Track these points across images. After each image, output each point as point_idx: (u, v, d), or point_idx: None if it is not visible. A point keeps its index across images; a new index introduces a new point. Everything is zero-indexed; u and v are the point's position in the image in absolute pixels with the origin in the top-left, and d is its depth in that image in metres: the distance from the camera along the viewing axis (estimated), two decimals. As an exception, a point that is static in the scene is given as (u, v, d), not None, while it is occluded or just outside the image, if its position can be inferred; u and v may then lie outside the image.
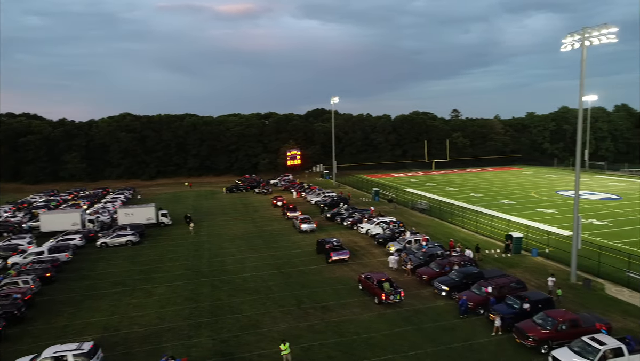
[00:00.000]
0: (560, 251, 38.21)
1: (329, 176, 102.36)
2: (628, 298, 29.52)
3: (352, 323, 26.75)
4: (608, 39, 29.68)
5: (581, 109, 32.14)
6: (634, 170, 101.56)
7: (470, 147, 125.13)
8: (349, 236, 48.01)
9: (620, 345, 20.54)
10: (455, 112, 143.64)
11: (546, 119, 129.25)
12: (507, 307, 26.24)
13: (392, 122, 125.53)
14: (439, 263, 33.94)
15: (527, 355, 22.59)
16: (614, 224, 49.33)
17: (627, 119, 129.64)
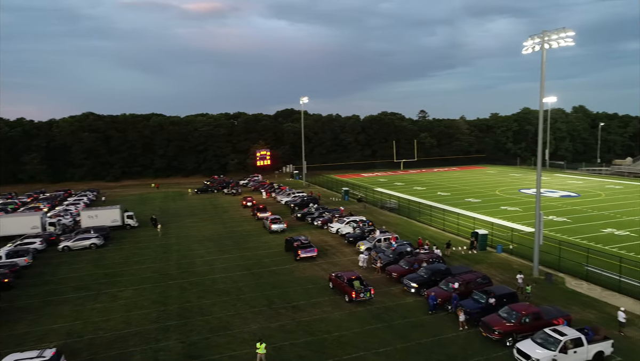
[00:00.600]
0: (524, 247, 39.53)
1: (299, 176, 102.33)
2: (586, 290, 30.83)
3: (323, 322, 26.82)
4: (566, 42, 30.95)
5: (541, 110, 33.35)
6: (591, 169, 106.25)
7: (437, 147, 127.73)
8: (319, 235, 48.12)
9: (579, 335, 21.43)
10: (422, 113, 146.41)
11: (509, 120, 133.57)
12: (473, 302, 26.94)
13: (361, 122, 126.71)
14: (408, 261, 34.48)
15: (493, 348, 23.25)
16: (573, 221, 51.42)
17: (584, 120, 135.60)
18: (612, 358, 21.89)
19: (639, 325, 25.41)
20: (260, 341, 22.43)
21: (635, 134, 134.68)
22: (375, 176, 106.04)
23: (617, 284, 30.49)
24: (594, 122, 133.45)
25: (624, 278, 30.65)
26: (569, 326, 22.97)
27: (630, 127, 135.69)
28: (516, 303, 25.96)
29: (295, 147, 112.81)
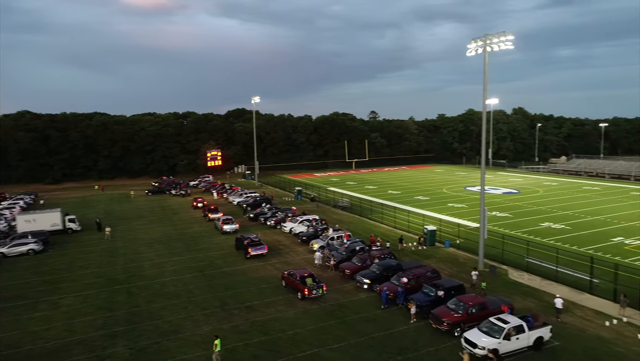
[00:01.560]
0: (470, 241, 41.22)
1: (251, 176, 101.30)
2: (527, 281, 32.59)
3: (278, 321, 26.70)
4: (506, 45, 32.60)
5: (484, 111, 34.93)
6: (530, 167, 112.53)
7: (387, 147, 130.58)
8: (272, 235, 47.86)
9: (521, 322, 22.63)
10: (373, 114, 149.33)
11: (455, 121, 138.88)
12: (423, 295, 27.77)
13: (313, 122, 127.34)
14: (361, 258, 35.02)
15: (442, 339, 24.07)
16: (515, 216, 54.22)
17: (523, 121, 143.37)
18: (550, 343, 23.27)
19: (574, 311, 27.18)
20: (217, 337, 22.36)
21: (569, 134, 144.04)
22: (327, 175, 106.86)
23: (555, 274, 32.44)
24: (532, 123, 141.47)
25: (560, 268, 32.64)
26: (511, 315, 24.17)
27: (565, 128, 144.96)
28: (463, 295, 27.01)
29: (247, 147, 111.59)
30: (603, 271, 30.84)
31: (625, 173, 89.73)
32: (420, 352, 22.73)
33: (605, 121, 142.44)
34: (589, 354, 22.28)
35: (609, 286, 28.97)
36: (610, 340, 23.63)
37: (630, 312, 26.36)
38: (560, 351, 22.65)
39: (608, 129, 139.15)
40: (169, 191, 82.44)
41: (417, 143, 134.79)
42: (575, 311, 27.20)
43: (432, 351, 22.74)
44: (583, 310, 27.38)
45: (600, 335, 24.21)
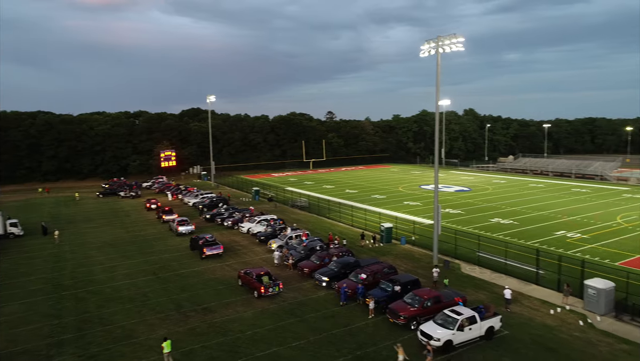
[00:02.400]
0: (425, 237, 42.35)
1: (207, 177, 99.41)
2: (479, 274, 33.88)
3: (236, 322, 26.33)
4: (457, 47, 33.75)
5: (437, 113, 35.97)
6: (480, 166, 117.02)
7: (344, 147, 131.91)
8: (230, 236, 47.16)
9: (474, 313, 23.49)
10: (330, 114, 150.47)
11: (409, 122, 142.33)
12: (381, 291, 28.26)
13: (271, 122, 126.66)
14: (319, 256, 35.16)
15: (400, 332, 24.58)
16: (466, 213, 56.23)
17: (474, 122, 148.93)
18: (500, 332, 24.29)
19: (522, 302, 28.51)
20: (165, 339, 21.83)
21: (516, 134, 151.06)
22: (285, 175, 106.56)
23: (504, 267, 33.91)
24: (482, 124, 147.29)
25: (509, 261, 34.14)
26: (464, 306, 25.03)
27: (511, 128, 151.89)
28: (419, 289, 27.69)
29: (203, 147, 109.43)
30: (548, 263, 32.53)
31: (566, 171, 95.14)
32: (379, 346, 23.11)
33: (548, 122, 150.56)
34: (536, 341, 23.43)
35: (554, 277, 30.62)
36: (555, 327, 24.96)
37: (572, 300, 27.95)
38: (510, 340, 23.70)
39: (551, 130, 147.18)
40: (118, 192, 79.27)
41: (374, 143, 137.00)
42: (523, 301, 28.54)
43: (390, 345, 23.12)
44: (530, 300, 28.77)
45: (546, 322, 25.53)
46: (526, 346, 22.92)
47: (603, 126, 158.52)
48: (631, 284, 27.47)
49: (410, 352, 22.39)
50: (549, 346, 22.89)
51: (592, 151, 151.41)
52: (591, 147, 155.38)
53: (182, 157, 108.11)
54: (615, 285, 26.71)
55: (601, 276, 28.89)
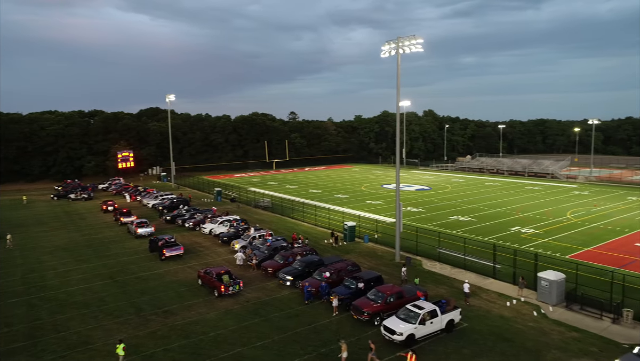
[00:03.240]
0: (387, 235, 43.04)
1: (167, 178, 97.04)
2: (439, 269, 34.77)
3: (199, 324, 25.84)
4: (416, 48, 34.52)
5: (398, 113, 36.66)
6: (440, 165, 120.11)
7: (307, 148, 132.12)
8: (191, 237, 46.25)
9: (435, 307, 24.08)
10: (292, 115, 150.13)
11: (371, 122, 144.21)
12: (344, 288, 28.50)
13: (232, 122, 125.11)
14: (283, 255, 35.06)
15: (363, 328, 24.87)
16: (427, 210, 57.57)
17: (433, 122, 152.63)
18: (460, 324, 25.04)
19: (480, 295, 29.49)
20: (121, 341, 21.34)
21: (473, 135, 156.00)
22: (248, 176, 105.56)
23: (463, 262, 34.95)
24: (441, 125, 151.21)
25: (468, 256, 35.23)
26: (426, 301, 25.63)
27: (469, 129, 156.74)
28: (382, 285, 28.11)
29: (162, 148, 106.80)
30: (504, 258, 33.80)
31: (520, 170, 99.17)
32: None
33: (503, 123, 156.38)
34: (493, 332, 24.30)
35: (509, 271, 31.85)
36: (511, 318, 25.97)
37: (527, 292, 29.18)
38: (469, 331, 24.46)
39: (506, 131, 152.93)
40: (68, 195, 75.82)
41: (336, 143, 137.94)
42: (481, 295, 29.53)
43: (354, 341, 23.39)
44: (488, 293, 29.81)
45: (503, 314, 26.53)
46: (484, 338, 23.72)
47: (553, 127, 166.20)
48: (580, 275, 28.97)
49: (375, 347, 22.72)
50: (505, 336, 23.78)
51: (543, 151, 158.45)
52: (542, 147, 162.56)
53: (140, 158, 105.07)
54: (566, 277, 28.09)
55: (553, 268, 30.31)
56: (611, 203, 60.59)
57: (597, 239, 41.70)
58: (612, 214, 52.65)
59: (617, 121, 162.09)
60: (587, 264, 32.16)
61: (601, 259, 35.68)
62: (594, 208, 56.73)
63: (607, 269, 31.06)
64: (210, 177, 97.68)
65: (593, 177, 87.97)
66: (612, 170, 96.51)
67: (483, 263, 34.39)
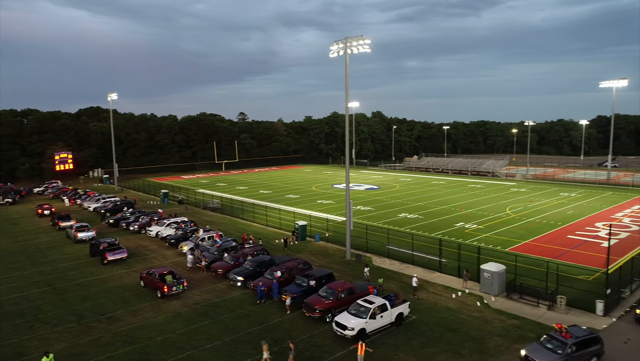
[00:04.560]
0: (338, 233, 43.47)
1: (110, 180, 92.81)
2: (388, 265, 35.54)
3: (145, 329, 24.88)
4: (364, 48, 35.15)
5: (347, 113, 37.14)
6: (388, 165, 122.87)
7: (257, 148, 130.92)
8: (137, 240, 44.49)
9: (385, 301, 24.60)
10: (242, 115, 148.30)
11: (321, 123, 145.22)
12: (296, 286, 28.48)
13: (179, 123, 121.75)
14: (233, 256, 34.52)
15: (315, 326, 24.96)
16: (376, 209, 58.72)
17: (381, 124, 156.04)
18: (409, 317, 25.73)
19: (427, 288, 30.44)
20: (46, 354, 20.27)
21: (419, 136, 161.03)
22: (196, 177, 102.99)
23: (411, 258, 35.94)
24: (389, 126, 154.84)
25: (415, 252, 36.24)
26: (377, 296, 26.10)
27: (415, 130, 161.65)
28: (333, 282, 28.34)
29: (105, 149, 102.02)
30: (449, 252, 35.09)
31: (464, 169, 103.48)
32: (295, 341, 23.20)
33: (447, 124, 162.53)
34: (440, 323, 25.16)
35: (454, 264, 33.11)
36: (456, 309, 27.01)
37: (471, 284, 30.47)
38: (417, 324, 25.18)
39: (450, 132, 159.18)
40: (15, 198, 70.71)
41: (287, 144, 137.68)
42: (429, 288, 30.50)
43: (306, 338, 23.44)
44: (435, 286, 30.83)
45: (449, 306, 27.54)
46: (432, 329, 24.51)
47: (493, 129, 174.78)
48: (519, 266, 30.66)
49: (325, 343, 22.91)
50: (451, 327, 24.68)
51: (484, 151, 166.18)
52: (484, 147, 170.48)
53: (80, 160, 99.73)
54: (506, 268, 29.60)
55: (494, 261, 31.82)
56: (546, 198, 64.54)
57: (534, 233, 44.26)
58: (546, 209, 56.08)
59: (550, 123, 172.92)
60: (525, 256, 34.07)
61: (537, 251, 37.90)
62: (531, 204, 60.19)
63: (543, 260, 33.03)
64: (156, 179, 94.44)
65: (529, 175, 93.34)
66: (546, 169, 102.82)
67: (430, 258, 35.53)
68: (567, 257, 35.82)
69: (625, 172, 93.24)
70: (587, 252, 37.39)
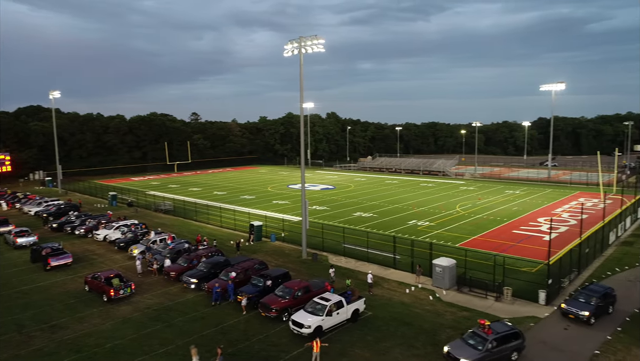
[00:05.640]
0: (294, 233, 43.45)
1: (53, 183, 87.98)
2: (344, 263, 35.90)
3: (92, 336, 23.78)
4: (318, 48, 35.35)
5: (302, 115, 37.24)
6: (343, 165, 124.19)
7: (211, 149, 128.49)
8: (83, 245, 42.47)
9: (341, 298, 24.82)
10: (195, 115, 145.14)
11: (276, 124, 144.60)
12: (252, 287, 28.19)
13: (128, 123, 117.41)
14: (187, 258, 33.69)
15: (272, 325, 24.80)
16: (332, 208, 59.17)
17: (336, 124, 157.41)
18: (365, 313, 26.10)
19: (382, 285, 31.01)
20: None
21: (373, 137, 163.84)
22: (147, 179, 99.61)
23: (366, 256, 36.48)
24: (343, 127, 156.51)
25: (370, 250, 36.84)
26: (333, 293, 26.30)
27: (369, 131, 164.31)
28: (289, 281, 28.29)
29: (47, 150, 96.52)
30: (403, 249, 35.85)
31: (416, 169, 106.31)
32: (251, 341, 23.03)
33: (400, 125, 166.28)
34: (395, 318, 25.70)
35: (408, 260, 33.94)
36: (410, 304, 27.68)
37: (423, 279, 31.32)
38: (373, 319, 25.60)
39: (402, 133, 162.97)
40: None
41: (241, 145, 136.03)
42: (384, 284, 31.08)
43: (263, 338, 23.25)
44: (389, 282, 31.46)
45: (403, 300, 28.19)
46: (387, 324, 24.98)
47: (443, 130, 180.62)
48: (469, 261, 31.86)
49: (282, 342, 22.83)
50: (405, 321, 25.27)
51: (435, 152, 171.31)
52: (434, 148, 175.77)
53: (20, 162, 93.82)
54: (457, 262, 30.68)
55: (446, 256, 32.82)
56: (492, 196, 67.46)
57: (482, 228, 46.15)
58: (493, 206, 58.63)
59: (496, 124, 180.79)
60: (474, 251, 35.50)
61: (485, 245, 39.54)
62: (479, 201, 62.71)
63: (491, 254, 34.46)
64: (104, 182, 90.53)
65: (477, 174, 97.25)
66: (493, 168, 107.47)
67: (384, 255, 36.21)
68: (512, 251, 37.60)
69: (564, 170, 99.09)
70: (530, 245, 39.41)
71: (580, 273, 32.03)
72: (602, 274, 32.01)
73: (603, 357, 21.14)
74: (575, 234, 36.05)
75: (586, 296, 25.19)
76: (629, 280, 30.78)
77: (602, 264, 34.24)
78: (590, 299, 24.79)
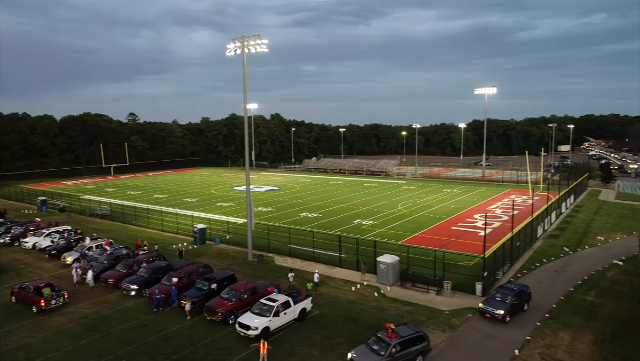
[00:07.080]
0: (239, 235, 42.85)
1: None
2: (290, 264, 35.88)
3: (22, 350, 22.15)
4: (261, 48, 35.17)
5: (246, 115, 36.86)
6: (288, 167, 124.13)
7: (150, 151, 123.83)
8: (8, 254, 39.44)
9: (287, 299, 24.82)
10: (132, 116, 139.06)
11: (219, 125, 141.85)
12: (197, 291, 27.49)
13: (59, 123, 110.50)
14: (126, 264, 32.24)
15: (218, 329, 24.32)
16: (277, 210, 58.96)
17: (280, 126, 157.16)
18: (312, 312, 26.27)
19: (329, 283, 31.34)
20: None
21: (317, 138, 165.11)
22: (80, 183, 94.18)
23: (312, 255, 36.71)
24: (288, 128, 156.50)
25: (316, 249, 37.10)
26: (279, 294, 26.24)
27: (313, 132, 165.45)
28: (235, 283, 27.88)
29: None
30: (348, 248, 36.41)
31: (359, 169, 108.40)
32: (197, 346, 22.45)
33: (343, 127, 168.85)
34: (341, 315, 26.07)
35: (353, 259, 34.53)
36: (356, 301, 28.19)
37: (368, 276, 32.01)
38: (320, 318, 25.82)
39: (346, 134, 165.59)
40: None
41: (183, 146, 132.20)
42: (330, 283, 31.42)
43: (208, 343, 22.74)
44: (335, 281, 31.86)
45: (349, 298, 28.65)
46: (333, 321, 25.30)
47: (385, 131, 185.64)
48: (411, 257, 32.94)
49: (228, 346, 22.49)
50: (352, 317, 25.71)
51: (378, 152, 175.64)
52: (377, 149, 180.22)
53: None
54: (400, 259, 31.64)
55: (389, 253, 33.79)
56: (432, 195, 70.20)
57: (423, 226, 47.91)
58: (433, 205, 61.03)
59: (434, 126, 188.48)
60: (416, 247, 36.74)
61: (426, 242, 41.07)
62: (419, 200, 65.04)
63: (431, 250, 35.81)
64: (32, 186, 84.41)
65: (418, 174, 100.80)
66: (432, 168, 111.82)
67: (330, 254, 36.60)
68: (451, 246, 39.35)
69: (497, 170, 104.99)
70: (467, 241, 41.45)
71: (512, 265, 34.13)
72: (532, 266, 34.30)
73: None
74: (508, 229, 38.32)
75: (502, 294, 25.61)
76: (554, 270, 33.21)
77: (531, 256, 36.69)
78: (506, 298, 25.23)
